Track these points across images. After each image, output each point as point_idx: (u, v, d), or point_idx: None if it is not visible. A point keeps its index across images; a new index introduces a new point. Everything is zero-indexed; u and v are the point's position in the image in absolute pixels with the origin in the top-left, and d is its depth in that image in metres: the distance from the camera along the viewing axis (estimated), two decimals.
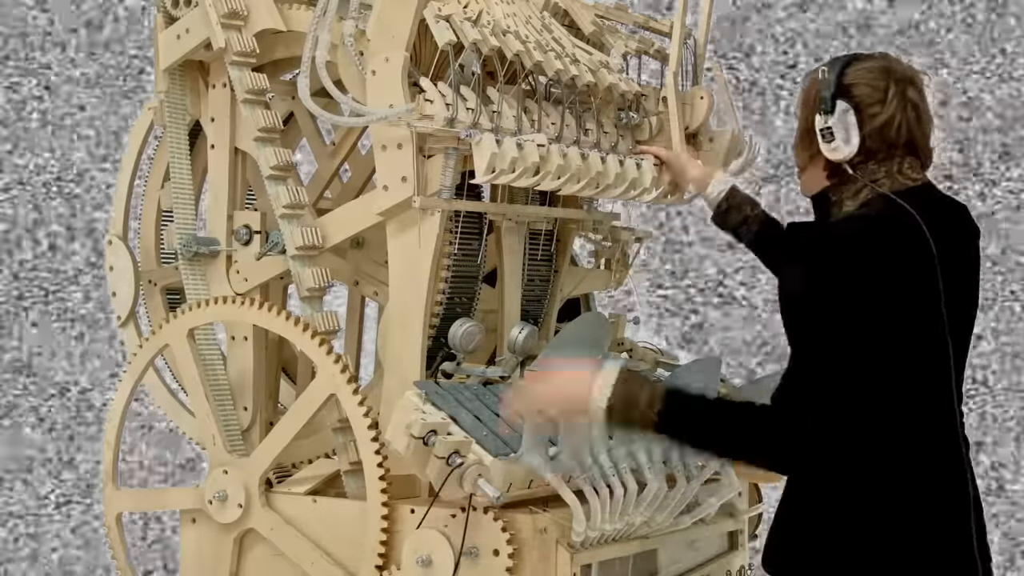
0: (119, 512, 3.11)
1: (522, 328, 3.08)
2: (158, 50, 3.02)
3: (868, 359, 2.24)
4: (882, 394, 2.26)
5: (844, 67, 2.39)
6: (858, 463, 2.29)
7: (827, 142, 2.38)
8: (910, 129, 2.38)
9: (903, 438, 2.30)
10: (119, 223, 3.25)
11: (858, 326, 2.23)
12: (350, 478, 2.87)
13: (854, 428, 2.26)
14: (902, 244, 2.27)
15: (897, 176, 2.37)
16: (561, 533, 2.60)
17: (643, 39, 3.31)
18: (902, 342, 2.26)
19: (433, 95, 2.71)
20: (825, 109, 2.38)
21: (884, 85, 2.37)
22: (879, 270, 2.23)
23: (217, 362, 3.04)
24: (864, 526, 2.31)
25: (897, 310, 2.24)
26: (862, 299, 2.22)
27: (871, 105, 2.36)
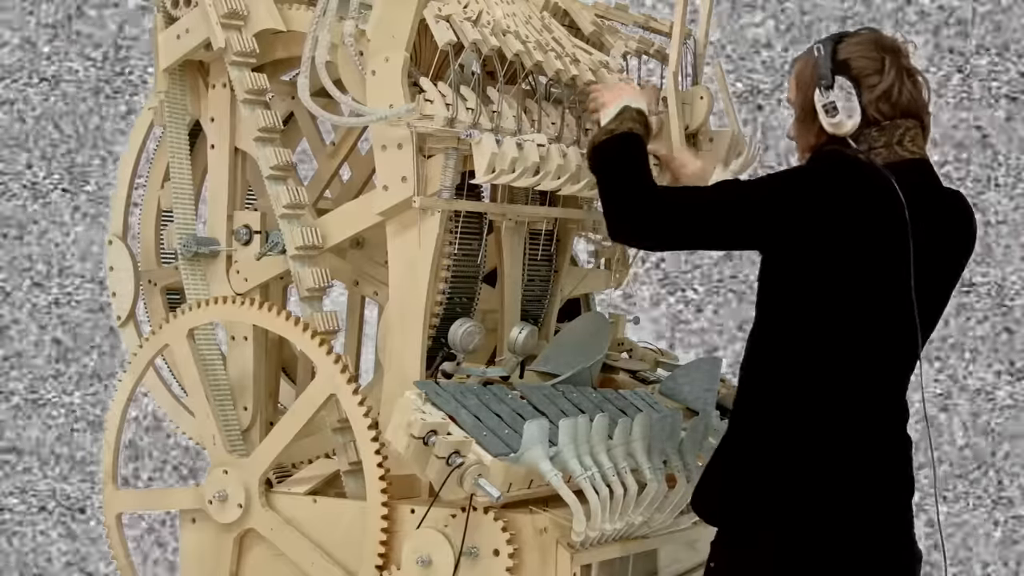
0: (119, 512, 3.11)
1: (522, 328, 3.08)
2: (158, 50, 3.02)
3: (817, 303, 2.35)
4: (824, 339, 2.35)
5: (835, 44, 2.45)
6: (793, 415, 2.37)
7: (831, 117, 2.43)
8: (910, 93, 2.43)
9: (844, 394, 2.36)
10: (119, 223, 3.25)
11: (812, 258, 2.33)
12: (350, 478, 2.87)
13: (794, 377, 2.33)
14: (869, 197, 2.33)
15: (896, 147, 2.42)
16: (561, 533, 2.60)
17: (643, 39, 3.31)
18: (853, 290, 2.35)
19: (433, 95, 2.71)
20: (826, 85, 2.42)
21: (879, 55, 2.43)
22: (846, 208, 2.31)
23: (217, 362, 3.04)
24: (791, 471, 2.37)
25: (856, 259, 2.32)
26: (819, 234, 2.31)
27: (870, 76, 2.42)
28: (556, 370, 3.06)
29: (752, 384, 2.46)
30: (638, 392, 3.12)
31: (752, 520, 2.40)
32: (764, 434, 2.40)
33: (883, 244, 2.32)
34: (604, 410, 2.87)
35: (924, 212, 2.36)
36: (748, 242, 2.41)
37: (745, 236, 2.38)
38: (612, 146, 2.55)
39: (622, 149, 2.53)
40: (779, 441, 2.38)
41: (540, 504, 2.69)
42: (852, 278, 2.33)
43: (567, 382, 3.00)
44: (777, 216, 2.33)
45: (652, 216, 2.39)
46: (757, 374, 2.45)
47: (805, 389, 2.37)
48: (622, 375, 3.36)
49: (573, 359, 3.05)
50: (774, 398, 2.41)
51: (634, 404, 3.03)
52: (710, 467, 2.50)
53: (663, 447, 2.73)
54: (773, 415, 2.40)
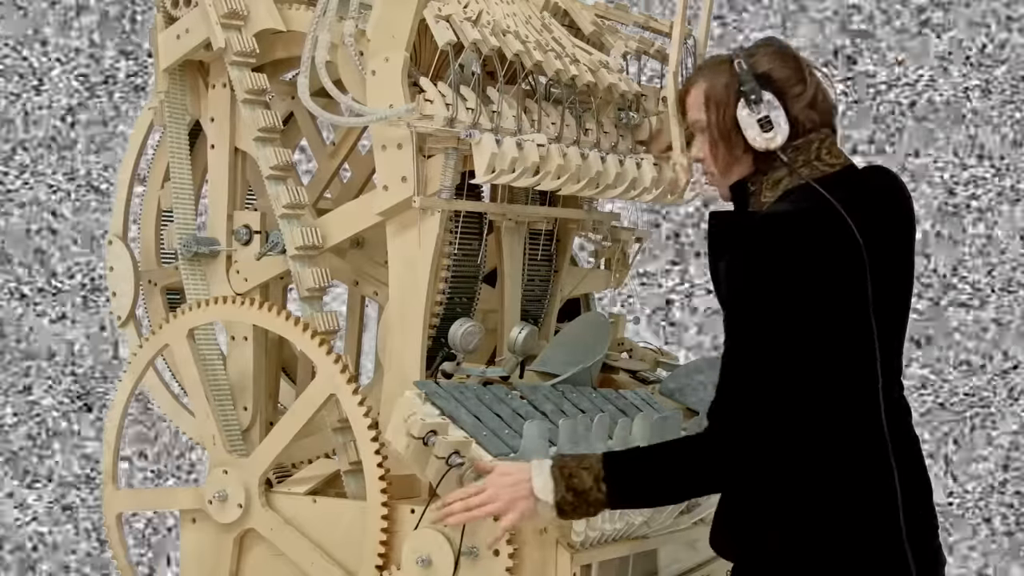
0: (119, 512, 3.11)
1: (522, 328, 3.08)
2: (158, 50, 3.02)
3: (794, 358, 2.28)
4: (809, 385, 2.30)
5: (748, 58, 2.40)
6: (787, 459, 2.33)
7: (766, 131, 2.37)
8: (828, 101, 2.41)
9: (827, 433, 2.34)
10: (119, 223, 3.25)
11: (783, 325, 2.26)
12: (350, 478, 2.87)
13: (783, 427, 2.30)
14: (825, 238, 2.28)
15: (815, 163, 2.38)
16: (561, 533, 2.60)
17: (643, 39, 3.31)
18: (827, 340, 2.29)
19: (433, 95, 2.71)
20: (755, 99, 2.37)
21: (796, 65, 2.40)
22: (803, 269, 2.25)
23: (217, 362, 3.04)
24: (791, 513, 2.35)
25: (822, 309, 2.27)
26: (787, 298, 2.25)
27: (794, 86, 2.38)
28: (556, 370, 3.06)
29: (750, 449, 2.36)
30: (638, 392, 3.12)
31: (769, 551, 2.37)
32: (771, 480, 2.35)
33: (848, 279, 2.29)
34: (604, 410, 2.87)
35: (868, 220, 2.32)
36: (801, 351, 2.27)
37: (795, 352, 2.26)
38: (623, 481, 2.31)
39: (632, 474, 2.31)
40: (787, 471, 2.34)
41: None
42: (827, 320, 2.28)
43: (567, 382, 3.00)
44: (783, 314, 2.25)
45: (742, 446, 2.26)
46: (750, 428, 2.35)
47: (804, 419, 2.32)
48: (622, 375, 3.36)
49: (573, 359, 3.05)
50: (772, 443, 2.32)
51: (634, 404, 3.03)
52: (722, 504, 2.46)
53: None
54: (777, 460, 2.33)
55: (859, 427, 2.36)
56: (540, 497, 2.34)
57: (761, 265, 2.25)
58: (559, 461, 2.35)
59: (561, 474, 2.33)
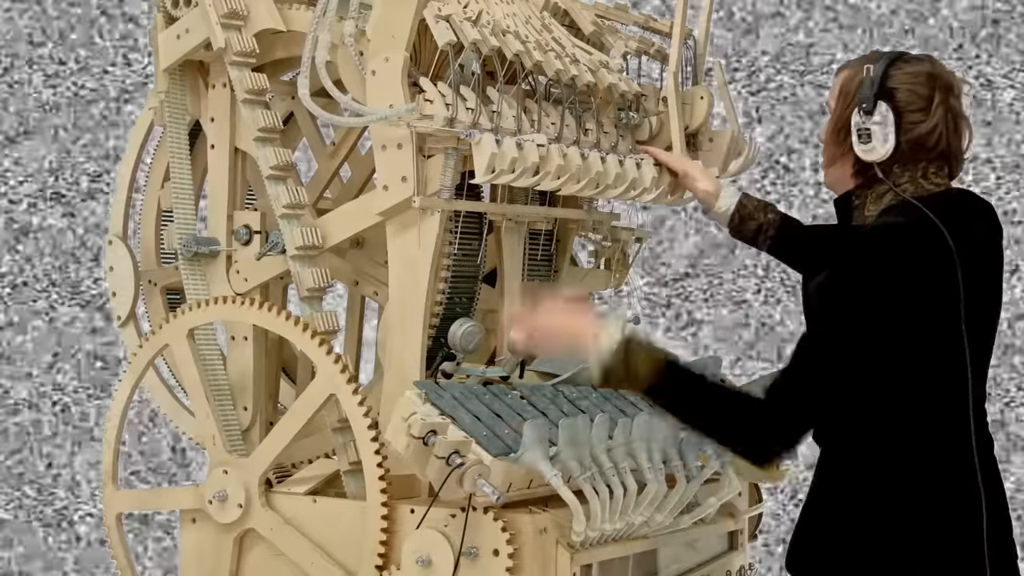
0: (119, 512, 3.11)
1: None
2: (158, 50, 3.02)
3: (887, 367, 2.28)
4: (899, 400, 2.29)
5: (888, 67, 2.37)
6: (872, 471, 2.32)
7: (863, 143, 2.37)
8: (948, 139, 2.38)
9: (916, 446, 2.32)
10: (119, 223, 3.25)
11: (881, 332, 2.25)
12: (350, 478, 2.87)
13: (870, 435, 2.28)
14: (926, 255, 2.28)
15: (921, 181, 2.38)
16: (561, 533, 2.60)
17: (643, 39, 3.31)
18: (922, 351, 2.29)
19: (433, 95, 2.71)
20: (866, 109, 2.36)
21: (928, 93, 2.36)
22: (904, 282, 2.25)
23: (217, 362, 3.04)
24: (877, 533, 2.33)
25: (919, 317, 2.27)
26: (886, 306, 2.25)
27: (914, 112, 2.36)
28: (556, 370, 3.06)
29: (834, 445, 2.41)
30: None
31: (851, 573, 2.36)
32: (854, 493, 2.36)
33: (943, 296, 2.29)
34: (604, 410, 2.87)
35: (965, 242, 2.32)
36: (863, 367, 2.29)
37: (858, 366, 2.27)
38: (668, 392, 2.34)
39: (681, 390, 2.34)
40: (870, 498, 2.34)
41: (540, 504, 2.69)
42: (924, 336, 2.29)
43: (567, 382, 3.00)
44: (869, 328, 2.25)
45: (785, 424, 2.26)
46: (839, 434, 2.39)
47: (891, 443, 2.33)
48: None
49: (573, 359, 3.05)
50: (860, 457, 2.36)
51: (634, 404, 3.02)
52: (801, 530, 2.45)
53: (663, 447, 2.73)
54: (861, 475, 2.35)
55: (947, 448, 2.34)
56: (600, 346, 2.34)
57: (865, 276, 2.25)
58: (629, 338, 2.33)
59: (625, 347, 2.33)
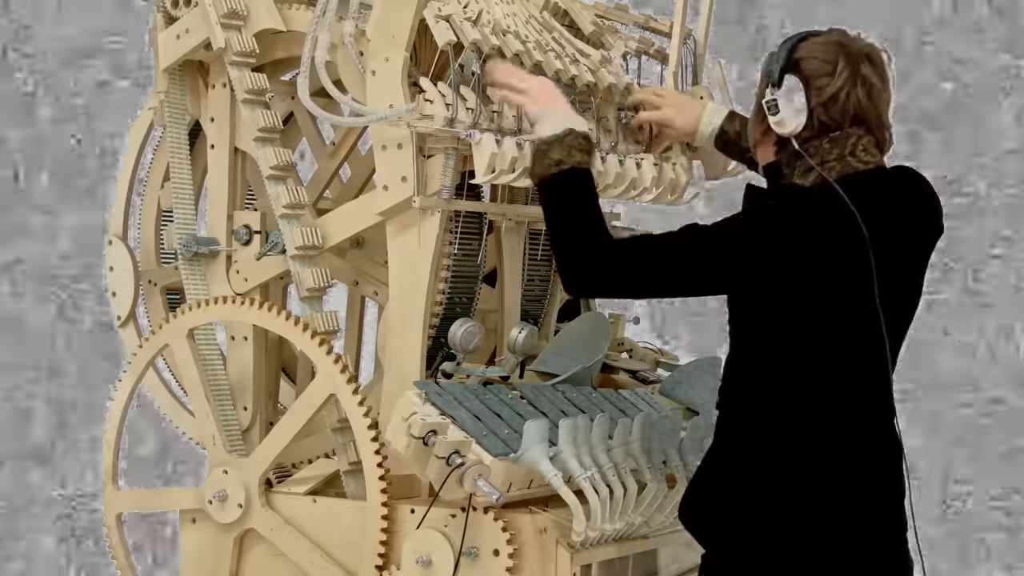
0: (119, 512, 3.11)
1: (522, 328, 3.08)
2: (158, 50, 3.02)
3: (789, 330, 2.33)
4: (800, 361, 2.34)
5: (798, 42, 2.40)
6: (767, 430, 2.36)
7: (772, 114, 2.39)
8: (859, 104, 2.38)
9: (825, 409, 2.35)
10: (119, 223, 3.25)
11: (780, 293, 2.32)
12: (350, 478, 2.87)
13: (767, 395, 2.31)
14: (828, 226, 2.30)
15: (849, 159, 2.38)
16: (561, 533, 2.60)
17: (643, 39, 3.31)
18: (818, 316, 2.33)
19: (433, 95, 2.71)
20: (772, 82, 2.39)
21: (833, 59, 2.37)
22: (805, 240, 2.29)
23: (217, 362, 3.04)
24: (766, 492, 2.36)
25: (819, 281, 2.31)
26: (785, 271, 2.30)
27: (819, 78, 2.37)
28: (556, 370, 3.06)
29: (734, 404, 2.44)
30: (638, 392, 3.12)
31: (741, 537, 2.38)
32: (749, 452, 2.39)
33: (845, 268, 2.31)
34: (604, 410, 2.87)
35: (884, 222, 2.33)
36: (712, 289, 2.40)
37: (708, 284, 2.37)
38: (563, 182, 2.47)
39: (574, 188, 2.46)
40: (765, 457, 2.37)
41: (540, 504, 2.69)
42: (820, 303, 2.32)
43: (567, 382, 3.00)
44: (741, 262, 2.31)
45: (611, 266, 2.36)
46: (738, 394, 2.43)
47: (787, 407, 2.36)
48: (622, 375, 3.36)
49: (573, 359, 3.05)
50: (757, 417, 2.39)
51: (634, 404, 3.03)
52: (695, 484, 2.48)
53: (663, 447, 2.73)
54: (757, 434, 2.39)
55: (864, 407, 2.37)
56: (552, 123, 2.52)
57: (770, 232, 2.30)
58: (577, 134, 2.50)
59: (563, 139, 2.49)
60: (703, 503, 2.44)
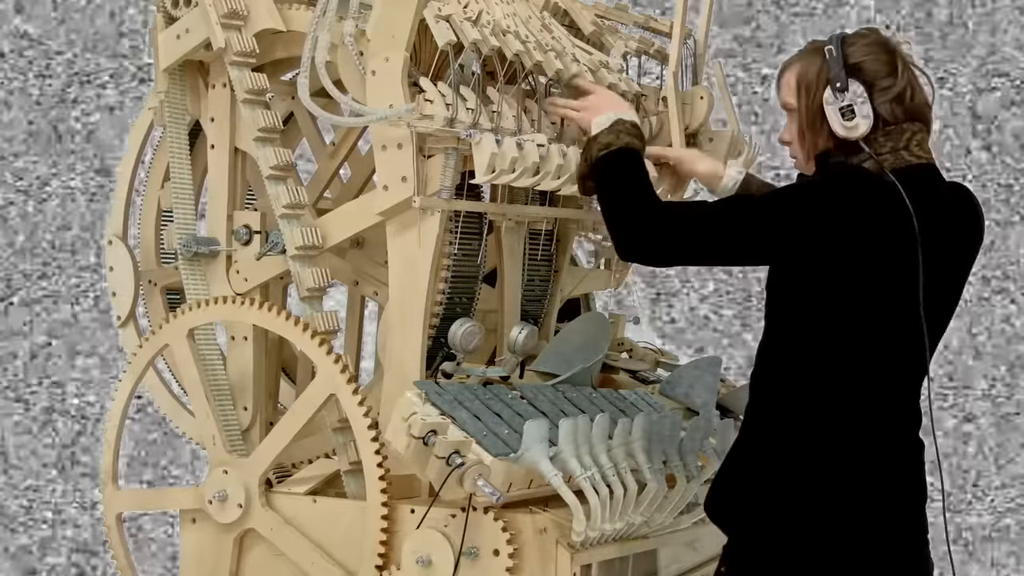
0: (119, 512, 3.11)
1: (522, 328, 3.08)
2: (158, 50, 3.02)
3: (827, 314, 2.33)
4: (835, 349, 2.33)
5: (843, 47, 2.41)
6: (806, 423, 2.35)
7: (847, 120, 2.39)
8: (920, 96, 2.42)
9: (856, 403, 2.35)
10: (119, 223, 3.25)
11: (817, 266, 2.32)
12: (350, 478, 2.87)
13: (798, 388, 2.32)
14: (880, 210, 2.31)
15: (902, 152, 2.39)
16: (561, 533, 2.60)
17: (643, 39, 3.31)
18: (862, 300, 2.33)
19: (433, 95, 2.71)
20: (840, 87, 2.39)
21: (890, 59, 2.41)
22: (856, 222, 2.29)
23: (217, 362, 3.04)
24: (793, 486, 2.36)
25: (863, 268, 2.31)
26: (830, 249, 2.30)
27: (883, 78, 2.40)
28: (556, 370, 3.06)
29: (765, 393, 2.44)
30: (638, 392, 3.12)
31: (765, 528, 2.38)
32: (777, 443, 2.39)
33: (892, 256, 2.31)
34: (604, 410, 2.87)
35: (933, 219, 2.34)
36: (759, 256, 2.41)
37: (756, 250, 2.38)
38: (613, 162, 2.54)
39: (624, 164, 2.54)
40: (792, 450, 2.37)
41: (540, 504, 2.69)
42: (862, 290, 2.32)
43: (567, 382, 3.00)
44: (788, 231, 2.32)
45: (662, 231, 2.39)
46: (769, 383, 2.43)
47: (817, 398, 2.36)
48: (622, 375, 3.36)
49: (573, 359, 3.05)
50: (787, 407, 2.39)
51: (634, 404, 3.03)
52: (722, 474, 2.49)
53: (663, 447, 2.73)
54: (786, 424, 2.39)
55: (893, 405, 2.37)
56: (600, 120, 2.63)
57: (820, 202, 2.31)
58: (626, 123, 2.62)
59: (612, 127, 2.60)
60: (729, 493, 2.45)
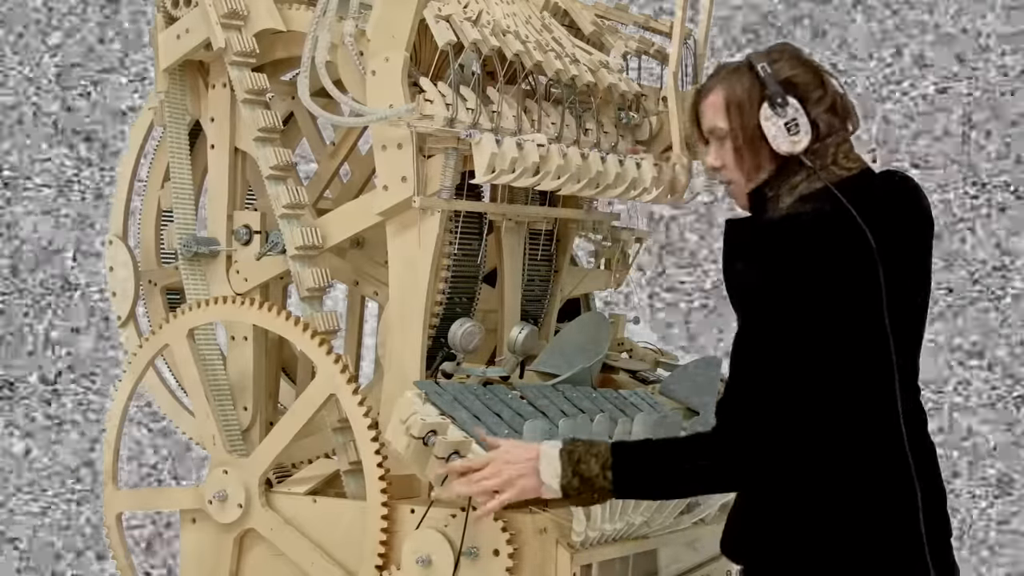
0: (119, 512, 3.11)
1: (522, 328, 3.08)
2: (158, 50, 3.02)
3: (809, 361, 2.27)
4: (825, 390, 2.30)
5: (769, 64, 2.38)
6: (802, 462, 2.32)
7: (792, 134, 2.36)
8: (846, 104, 2.41)
9: (844, 437, 2.33)
10: (119, 223, 3.25)
11: (797, 328, 2.25)
12: (350, 478, 2.87)
13: (795, 428, 2.29)
14: (840, 243, 2.28)
15: (832, 168, 2.37)
16: (561, 533, 2.60)
17: (643, 39, 3.32)
18: (842, 344, 2.28)
19: (433, 95, 2.71)
20: (781, 103, 2.35)
21: (813, 69, 2.40)
22: (819, 271, 2.25)
23: (217, 362, 3.04)
24: (808, 518, 2.34)
25: (836, 312, 2.26)
26: (801, 301, 2.24)
27: (814, 90, 2.38)
28: (556, 370, 3.06)
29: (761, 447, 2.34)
30: (638, 392, 3.12)
31: (786, 559, 2.35)
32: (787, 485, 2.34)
33: (864, 286, 2.28)
34: (604, 410, 2.87)
35: (885, 230, 2.31)
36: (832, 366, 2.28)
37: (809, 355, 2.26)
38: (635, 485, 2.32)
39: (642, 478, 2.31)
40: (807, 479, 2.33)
41: (540, 504, 2.69)
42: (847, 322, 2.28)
43: (567, 382, 3.00)
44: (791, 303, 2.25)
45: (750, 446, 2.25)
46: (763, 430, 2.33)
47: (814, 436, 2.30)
48: (622, 375, 3.36)
49: (573, 359, 3.05)
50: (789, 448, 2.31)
51: (634, 404, 3.03)
52: (736, 512, 2.45)
53: None
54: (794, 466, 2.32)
55: (877, 432, 2.34)
56: (545, 481, 2.34)
57: (778, 267, 2.25)
58: (569, 445, 2.34)
59: (570, 459, 2.32)
60: (745, 531, 2.41)
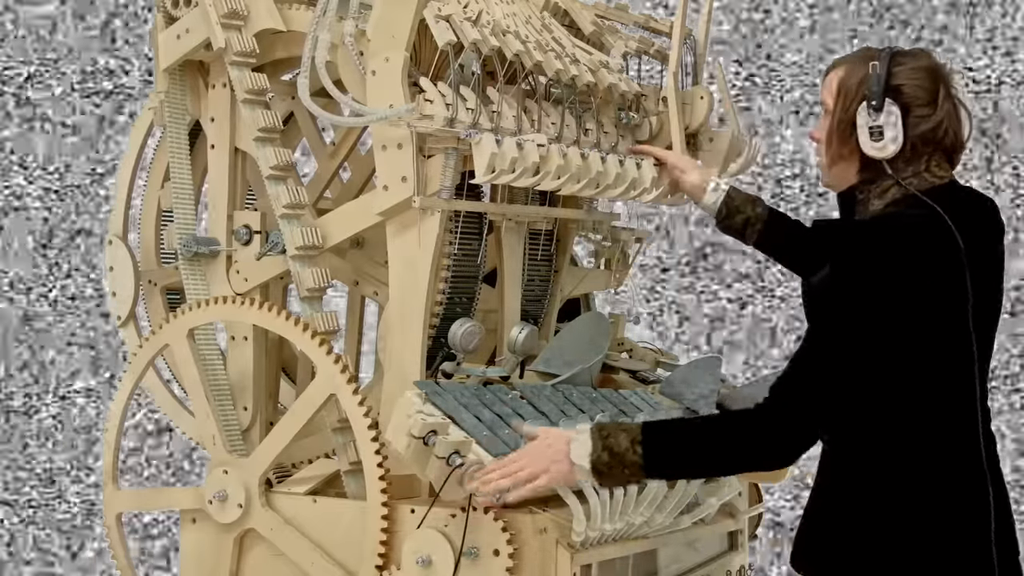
0: (119, 512, 3.11)
1: (522, 328, 3.08)
2: (158, 50, 3.02)
3: (896, 360, 2.27)
4: (907, 396, 2.29)
5: (890, 64, 2.38)
6: (880, 466, 2.31)
7: (874, 140, 2.37)
8: (954, 132, 2.39)
9: (925, 440, 2.31)
10: (119, 223, 3.25)
11: (889, 327, 2.25)
12: (350, 478, 2.87)
13: (877, 430, 2.27)
14: (934, 245, 2.28)
15: (924, 175, 2.38)
16: (561, 533, 2.60)
17: (643, 39, 3.32)
18: (931, 343, 2.28)
19: (433, 95, 2.71)
20: (876, 106, 2.36)
21: (933, 87, 2.37)
22: (912, 271, 2.25)
23: (217, 362, 3.04)
24: (884, 529, 2.33)
25: (928, 312, 2.27)
26: (894, 300, 2.24)
27: (921, 107, 2.37)
28: (556, 370, 3.06)
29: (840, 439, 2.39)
30: (638, 392, 3.12)
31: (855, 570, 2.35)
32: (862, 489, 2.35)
33: (952, 293, 2.29)
34: (604, 410, 2.87)
35: (971, 239, 2.32)
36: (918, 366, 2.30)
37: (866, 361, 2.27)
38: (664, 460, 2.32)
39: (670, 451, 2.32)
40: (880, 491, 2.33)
41: (540, 504, 2.69)
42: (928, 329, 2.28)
43: (567, 382, 3.00)
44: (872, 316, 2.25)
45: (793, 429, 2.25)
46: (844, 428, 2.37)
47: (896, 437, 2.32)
48: (622, 375, 3.36)
49: (573, 359, 3.05)
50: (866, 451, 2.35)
51: (634, 404, 3.03)
52: (808, 524, 2.45)
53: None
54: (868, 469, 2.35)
55: (956, 441, 2.34)
56: (576, 461, 2.35)
57: (872, 264, 2.25)
58: (598, 424, 2.36)
59: (600, 435, 2.34)
60: (819, 545, 2.41)
